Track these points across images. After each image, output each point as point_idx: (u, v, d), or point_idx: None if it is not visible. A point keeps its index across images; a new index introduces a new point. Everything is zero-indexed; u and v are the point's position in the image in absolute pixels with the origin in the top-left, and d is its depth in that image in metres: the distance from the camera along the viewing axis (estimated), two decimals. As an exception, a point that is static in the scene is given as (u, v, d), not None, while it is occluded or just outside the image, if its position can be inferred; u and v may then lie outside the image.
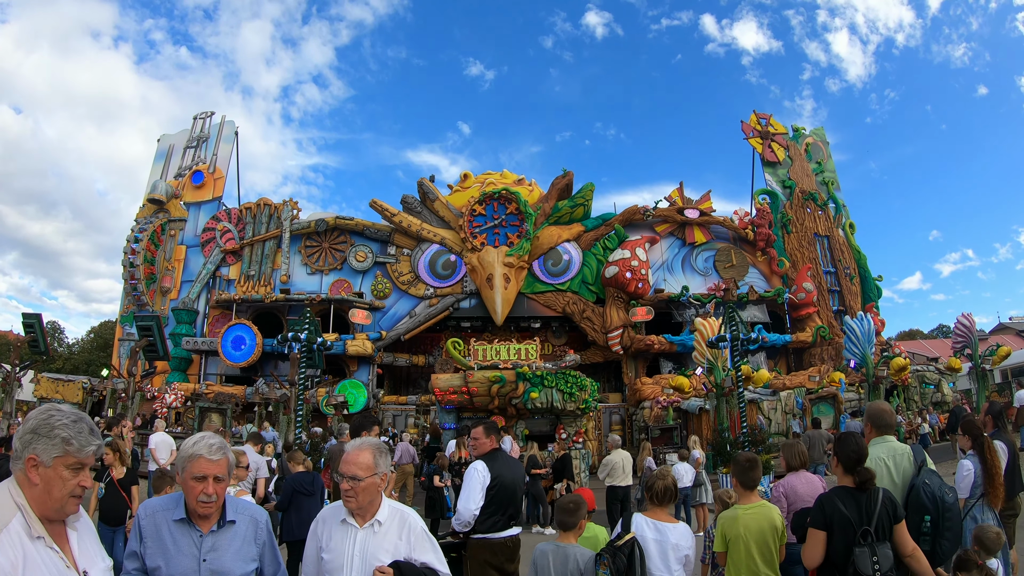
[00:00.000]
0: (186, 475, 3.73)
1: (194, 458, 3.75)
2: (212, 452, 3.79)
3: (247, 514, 3.89)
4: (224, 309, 39.46)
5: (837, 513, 5.08)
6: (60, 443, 2.95)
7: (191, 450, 3.78)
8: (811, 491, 6.72)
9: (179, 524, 3.70)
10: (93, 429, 3.09)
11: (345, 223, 40.43)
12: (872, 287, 42.13)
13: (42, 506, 2.95)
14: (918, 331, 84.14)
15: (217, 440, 3.88)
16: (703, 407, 29.34)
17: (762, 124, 45.51)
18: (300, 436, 23.82)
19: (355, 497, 4.10)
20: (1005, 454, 8.39)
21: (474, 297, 38.49)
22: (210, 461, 3.75)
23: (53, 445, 2.94)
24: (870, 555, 4.91)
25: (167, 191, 42.92)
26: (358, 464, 4.13)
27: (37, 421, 2.99)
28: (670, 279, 39.93)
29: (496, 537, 6.93)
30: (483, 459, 7.14)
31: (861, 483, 5.16)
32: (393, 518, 4.26)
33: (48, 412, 3.03)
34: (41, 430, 2.97)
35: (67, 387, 39.36)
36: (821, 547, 5.13)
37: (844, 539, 5.01)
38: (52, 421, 2.99)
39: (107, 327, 70.78)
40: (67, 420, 3.01)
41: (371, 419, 8.24)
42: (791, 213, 42.20)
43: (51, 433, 2.96)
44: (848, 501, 5.12)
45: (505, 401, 25.02)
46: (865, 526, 4.99)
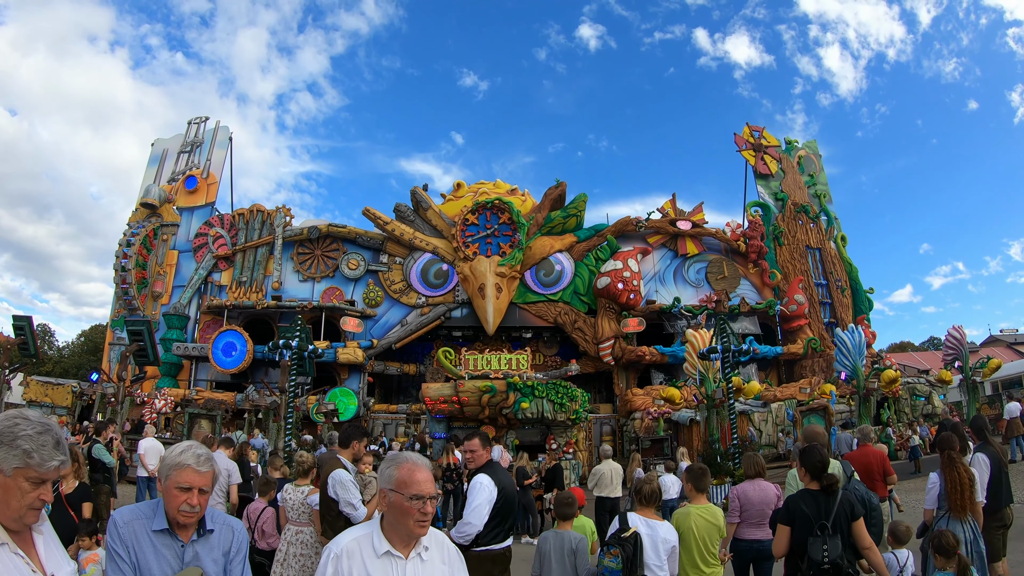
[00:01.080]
0: (170, 484, 3.60)
1: (181, 467, 3.62)
2: (200, 463, 3.66)
3: (223, 523, 3.83)
4: (215, 315, 39.33)
5: (799, 511, 6.12)
6: (21, 454, 2.82)
7: (178, 459, 3.65)
8: (762, 496, 8.21)
9: (159, 534, 3.58)
10: (60, 442, 2.96)
11: (338, 231, 40.40)
12: (863, 299, 42.26)
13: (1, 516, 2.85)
14: (909, 343, 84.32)
15: (204, 451, 3.75)
16: (694, 418, 29.34)
17: (755, 136, 45.64)
18: (290, 444, 23.78)
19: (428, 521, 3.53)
20: (987, 467, 8.61)
21: (466, 306, 38.40)
22: (197, 473, 3.63)
23: (14, 455, 2.81)
24: (820, 544, 5.91)
25: (160, 195, 42.89)
26: (431, 482, 3.56)
27: (1, 427, 2.86)
28: (662, 290, 40.00)
29: (497, 548, 6.94)
30: (485, 472, 7.10)
31: (827, 487, 6.17)
32: (431, 540, 3.67)
33: (13, 419, 2.91)
34: (4, 438, 2.83)
35: (56, 390, 39.18)
36: (786, 539, 6.19)
37: (803, 532, 6.05)
38: (16, 430, 2.86)
39: (98, 331, 70.66)
40: (32, 431, 2.88)
41: (360, 430, 8.06)
42: (783, 225, 42.30)
43: (13, 442, 2.83)
44: (809, 501, 6.15)
45: (495, 411, 24.99)
46: (823, 521, 5.98)
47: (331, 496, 7.51)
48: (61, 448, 2.96)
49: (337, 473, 7.53)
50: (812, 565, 5.92)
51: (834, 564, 5.88)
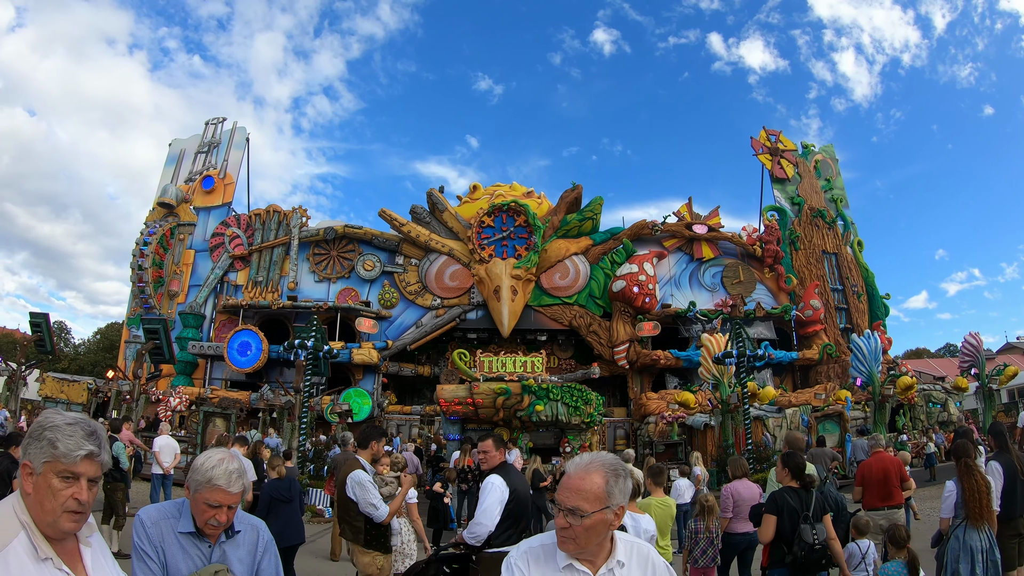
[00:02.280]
0: (199, 497, 3.46)
1: (211, 486, 3.45)
2: (231, 483, 3.49)
3: (249, 523, 3.80)
4: (231, 314, 39.45)
5: (786, 504, 7.24)
6: (47, 445, 2.63)
7: (209, 474, 3.46)
8: (750, 494, 9.71)
9: (185, 536, 3.51)
10: (93, 433, 2.72)
11: (354, 232, 40.51)
12: (879, 305, 42.02)
13: (38, 521, 2.61)
14: (925, 350, 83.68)
15: (236, 466, 3.60)
16: (708, 423, 29.28)
17: (771, 141, 45.49)
18: (304, 443, 23.84)
19: (574, 539, 2.94)
20: (1000, 476, 8.51)
21: (481, 309, 38.40)
22: (227, 493, 3.48)
23: (40, 448, 2.63)
24: (810, 530, 7.08)
25: (177, 195, 43.07)
26: (583, 492, 2.92)
27: (34, 425, 2.71)
28: (677, 294, 39.91)
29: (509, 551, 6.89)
30: (498, 473, 7.09)
31: (806, 485, 7.44)
32: (631, 554, 3.14)
33: (45, 414, 2.74)
34: (34, 432, 2.68)
35: (72, 387, 39.31)
36: (772, 527, 7.25)
37: (791, 521, 7.15)
38: (44, 422, 2.68)
39: (114, 329, 70.86)
40: (61, 422, 2.69)
41: (378, 430, 8.13)
42: (799, 230, 42.14)
43: (41, 435, 2.65)
44: (792, 496, 7.32)
45: (510, 413, 24.90)
46: (806, 512, 7.18)
47: (350, 497, 7.53)
48: (93, 439, 2.71)
49: (355, 474, 7.54)
50: (804, 547, 7.04)
51: (821, 545, 7.09)
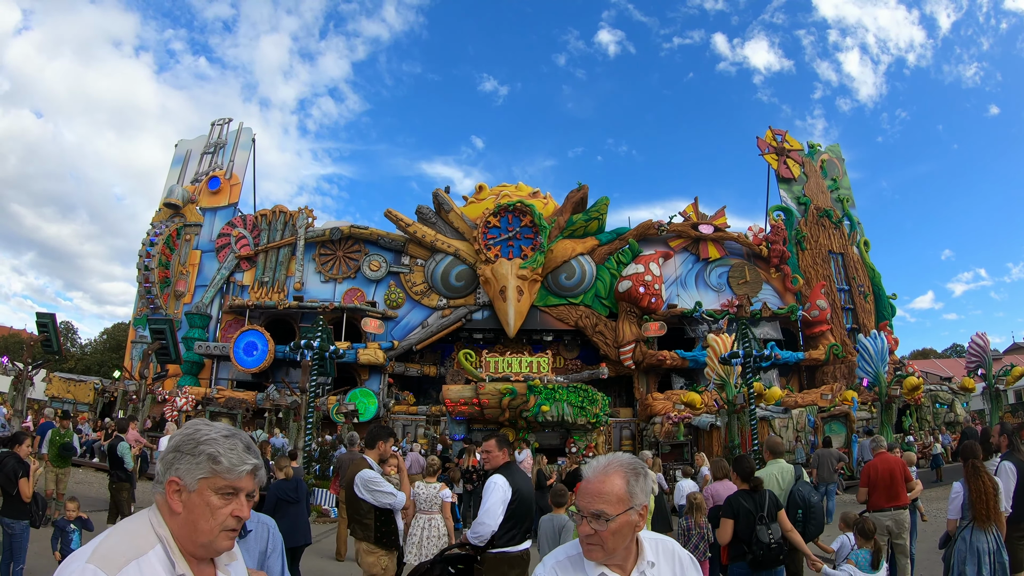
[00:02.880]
0: None
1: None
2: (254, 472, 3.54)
3: (259, 521, 3.81)
4: (237, 315, 39.57)
5: (741, 507, 7.77)
6: (206, 460, 2.46)
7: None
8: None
9: None
10: (250, 446, 2.61)
11: (360, 232, 40.53)
12: (886, 305, 41.90)
13: (187, 540, 2.48)
14: (931, 350, 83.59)
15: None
16: (714, 424, 29.20)
17: (777, 140, 45.42)
18: (310, 444, 23.85)
19: (601, 545, 2.86)
20: (1014, 476, 8.57)
21: (487, 309, 38.48)
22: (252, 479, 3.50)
23: (198, 464, 2.45)
24: (766, 530, 7.57)
25: (183, 196, 43.13)
26: (604, 495, 2.87)
27: (181, 437, 2.53)
28: (683, 294, 39.86)
29: (514, 551, 6.89)
30: (501, 473, 7.08)
31: (754, 487, 7.96)
32: (658, 552, 3.06)
33: (194, 426, 2.57)
34: (184, 446, 2.49)
35: (79, 387, 39.54)
36: (730, 529, 7.77)
37: (747, 522, 7.65)
38: (198, 436, 2.51)
39: (120, 329, 71.06)
40: (216, 434, 2.54)
41: (386, 430, 8.15)
42: (806, 230, 42.07)
43: (195, 450, 2.47)
44: (747, 499, 7.85)
45: (516, 414, 24.93)
46: (761, 513, 7.65)
47: (359, 496, 7.58)
48: (253, 451, 2.61)
49: (363, 473, 7.62)
50: (762, 546, 7.53)
51: (777, 543, 7.58)
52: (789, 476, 9.82)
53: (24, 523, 9.84)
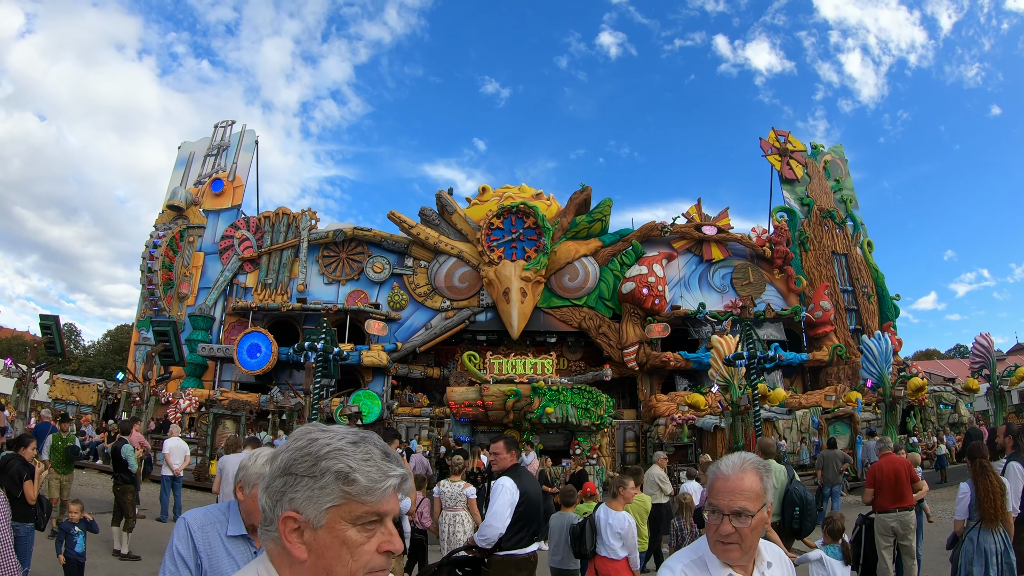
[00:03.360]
0: (256, 491, 3.15)
1: None
2: None
3: None
4: (240, 317, 39.58)
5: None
6: (334, 482, 1.71)
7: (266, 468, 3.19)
8: None
9: (233, 540, 3.34)
10: (388, 452, 1.84)
11: (363, 234, 40.53)
12: (890, 306, 41.84)
13: None
14: (935, 351, 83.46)
15: None
16: (718, 425, 29.15)
17: (780, 141, 45.38)
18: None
19: (741, 543, 2.76)
20: (1021, 476, 8.49)
21: (490, 311, 38.39)
22: None
23: (323, 488, 1.71)
24: None
25: (187, 198, 43.20)
26: (745, 492, 2.77)
27: (291, 454, 1.78)
28: (687, 296, 39.81)
29: (521, 553, 6.88)
30: (509, 475, 7.04)
31: None
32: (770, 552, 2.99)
33: (307, 436, 1.81)
34: (299, 466, 1.74)
35: (82, 389, 39.48)
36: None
37: None
38: (315, 449, 1.75)
39: (123, 331, 71.09)
40: (341, 442, 1.77)
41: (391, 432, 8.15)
42: (809, 231, 42.05)
43: (316, 468, 1.73)
44: None
45: (520, 415, 24.92)
46: None
47: None
48: (393, 458, 1.84)
49: None
50: None
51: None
52: (783, 476, 10.44)
53: (29, 525, 9.81)
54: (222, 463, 10.95)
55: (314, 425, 1.90)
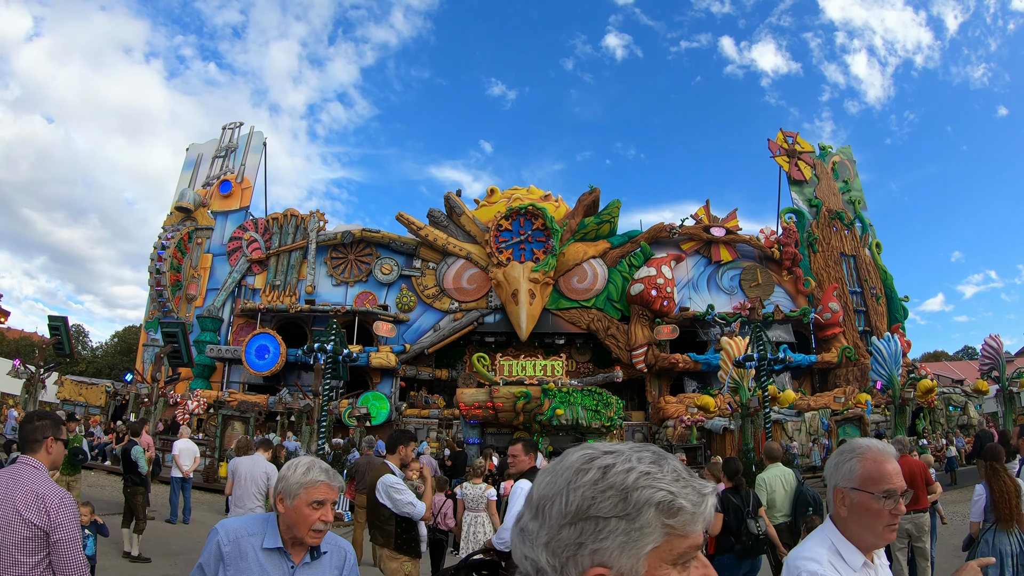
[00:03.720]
0: (299, 502, 3.20)
1: (314, 484, 3.24)
2: (332, 478, 3.32)
3: (335, 544, 3.55)
4: (249, 318, 39.67)
5: (730, 503, 8.60)
6: (656, 518, 1.25)
7: (309, 476, 3.25)
8: None
9: (268, 553, 3.21)
10: (680, 475, 1.31)
11: (371, 235, 40.56)
12: (898, 307, 41.69)
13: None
14: (943, 353, 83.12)
15: (326, 464, 3.39)
16: (727, 427, 29.04)
17: (788, 142, 45.28)
18: (323, 447, 23.80)
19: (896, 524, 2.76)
20: (1038, 478, 8.41)
21: (499, 312, 38.43)
22: (330, 487, 3.29)
23: (641, 529, 1.25)
24: (754, 523, 8.51)
25: (195, 200, 43.23)
26: (901, 474, 2.76)
27: (582, 492, 1.28)
28: (695, 297, 39.76)
29: None
30: (528, 478, 6.87)
31: (737, 486, 8.95)
32: None
33: (596, 465, 1.31)
34: (602, 507, 1.26)
35: (91, 390, 39.56)
36: (720, 522, 8.49)
37: (736, 516, 8.50)
38: (620, 480, 1.28)
39: (131, 332, 71.18)
40: (643, 464, 1.30)
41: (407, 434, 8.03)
42: (817, 232, 41.90)
43: (627, 505, 1.26)
44: (734, 495, 8.77)
45: (530, 417, 24.83)
46: (747, 508, 8.58)
47: (381, 502, 7.42)
48: (693, 475, 1.35)
49: (385, 478, 7.45)
50: (751, 537, 8.46)
51: (764, 535, 8.59)
52: (791, 478, 10.59)
53: None
54: (234, 465, 10.87)
55: (586, 446, 1.41)
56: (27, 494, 3.80)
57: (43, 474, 4.02)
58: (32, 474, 3.94)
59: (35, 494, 3.81)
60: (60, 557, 3.80)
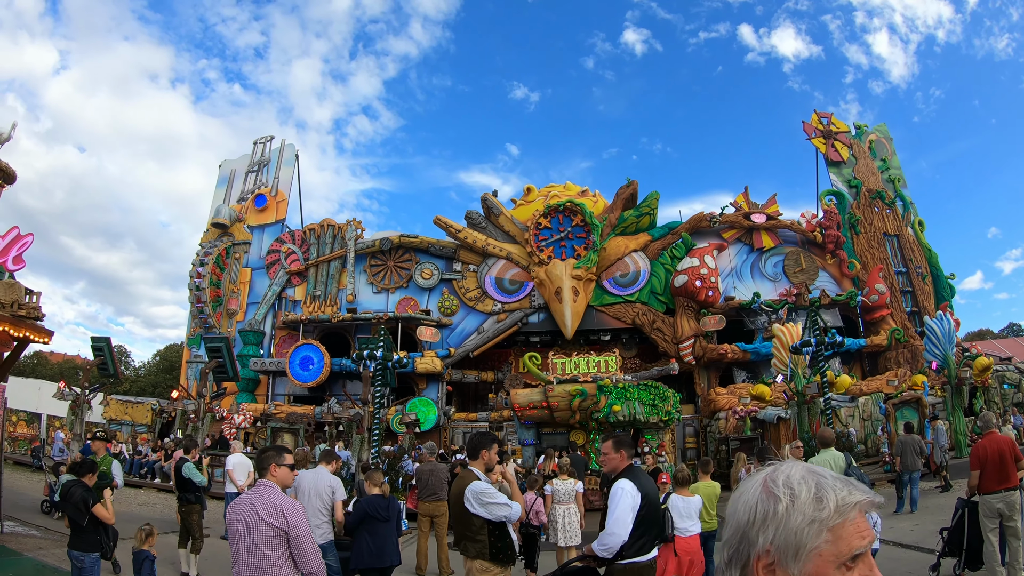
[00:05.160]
0: (844, 536, 1.46)
1: (846, 516, 1.75)
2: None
3: None
4: (291, 330, 39.74)
5: None
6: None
7: (834, 505, 1.57)
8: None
9: None
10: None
11: (409, 241, 40.46)
12: (945, 286, 41.05)
13: None
14: (988, 331, 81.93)
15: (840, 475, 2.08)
16: (781, 416, 28.58)
17: (824, 123, 44.66)
18: (376, 456, 23.62)
19: None
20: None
21: (542, 311, 38.15)
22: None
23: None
24: None
25: (230, 215, 43.38)
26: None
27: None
28: (739, 286, 39.28)
29: (643, 560, 6.48)
30: (627, 477, 6.62)
31: None
32: None
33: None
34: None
35: (136, 409, 39.64)
36: None
37: None
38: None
39: (172, 350, 72.01)
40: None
41: (489, 437, 7.63)
42: (859, 213, 41.21)
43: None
44: None
45: (586, 415, 24.47)
46: None
47: (472, 512, 7.03)
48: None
49: (474, 486, 7.09)
50: None
51: None
52: (841, 462, 11.33)
53: (95, 556, 9.48)
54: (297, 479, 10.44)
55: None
56: (267, 505, 5.60)
57: (276, 490, 5.84)
58: (269, 490, 5.78)
59: (273, 505, 5.61)
60: (297, 548, 5.61)
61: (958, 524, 10.43)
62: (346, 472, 22.05)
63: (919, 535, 14.54)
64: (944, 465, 21.18)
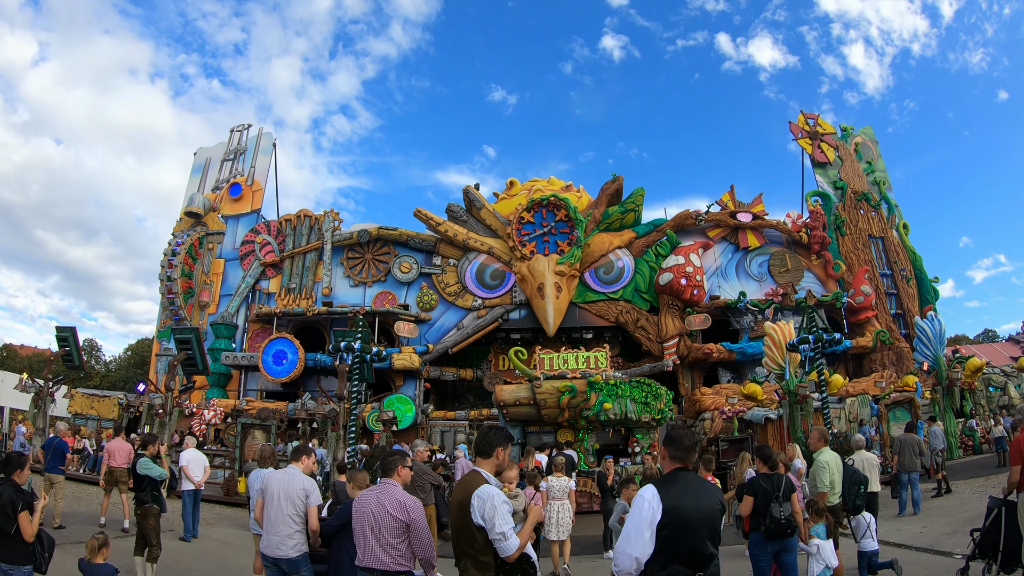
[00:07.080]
0: None
1: None
2: None
3: None
4: (264, 323, 38.84)
5: (760, 487, 8.99)
6: None
7: None
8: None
9: None
10: None
11: (388, 233, 39.63)
12: (929, 289, 40.73)
13: None
14: (963, 337, 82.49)
15: None
16: (769, 416, 27.91)
17: (810, 124, 44.43)
18: (354, 454, 22.66)
19: None
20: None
21: (524, 308, 37.45)
22: None
23: None
24: (778, 507, 8.70)
25: (204, 204, 42.35)
26: None
27: None
28: (724, 285, 38.70)
29: None
30: (656, 484, 4.92)
31: (772, 471, 9.41)
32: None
33: None
34: None
35: (102, 403, 38.60)
36: (750, 504, 8.99)
37: (764, 500, 8.84)
38: None
39: (144, 344, 70.90)
40: None
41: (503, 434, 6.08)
42: (844, 215, 40.91)
43: None
44: (765, 480, 9.11)
45: (575, 413, 23.53)
46: (777, 493, 8.79)
47: (476, 523, 5.33)
48: None
49: (483, 490, 5.34)
50: (774, 520, 8.67)
51: (787, 519, 8.73)
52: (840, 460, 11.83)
53: (27, 568, 7.87)
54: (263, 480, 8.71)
55: None
56: (392, 500, 6.45)
57: (399, 488, 6.75)
58: (393, 488, 6.68)
59: (397, 500, 6.47)
60: (416, 537, 6.39)
61: (993, 524, 9.61)
62: (320, 472, 21.17)
63: (930, 537, 14.14)
64: (941, 467, 20.72)
